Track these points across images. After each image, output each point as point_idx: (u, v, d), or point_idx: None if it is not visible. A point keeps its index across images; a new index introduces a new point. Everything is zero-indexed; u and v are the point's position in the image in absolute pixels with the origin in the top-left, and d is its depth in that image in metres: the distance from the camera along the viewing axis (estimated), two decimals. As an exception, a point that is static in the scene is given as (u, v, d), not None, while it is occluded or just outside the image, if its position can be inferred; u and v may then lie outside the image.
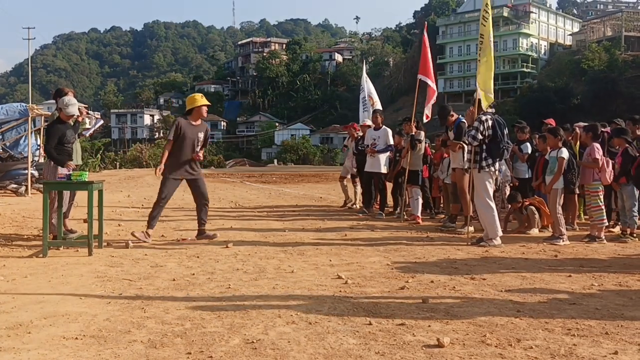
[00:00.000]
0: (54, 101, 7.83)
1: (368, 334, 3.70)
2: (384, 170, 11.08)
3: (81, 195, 8.28)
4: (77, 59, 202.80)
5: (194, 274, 5.58)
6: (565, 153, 7.82)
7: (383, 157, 11.06)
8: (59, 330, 3.80)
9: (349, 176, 13.13)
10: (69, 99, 7.47)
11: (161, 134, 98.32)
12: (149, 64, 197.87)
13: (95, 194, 7.03)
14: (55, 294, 4.79)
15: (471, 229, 8.22)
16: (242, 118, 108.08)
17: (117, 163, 60.59)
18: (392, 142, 11.04)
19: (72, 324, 3.95)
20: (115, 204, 13.29)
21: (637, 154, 8.13)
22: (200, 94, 7.99)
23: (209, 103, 8.01)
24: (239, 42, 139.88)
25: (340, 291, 4.86)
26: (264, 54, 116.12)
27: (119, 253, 6.78)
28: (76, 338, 3.62)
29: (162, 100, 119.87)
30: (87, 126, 8.66)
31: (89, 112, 9.02)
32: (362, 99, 13.58)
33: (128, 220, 10.23)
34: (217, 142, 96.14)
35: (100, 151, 49.56)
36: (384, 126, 11.18)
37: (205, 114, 7.82)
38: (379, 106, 13.22)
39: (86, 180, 6.87)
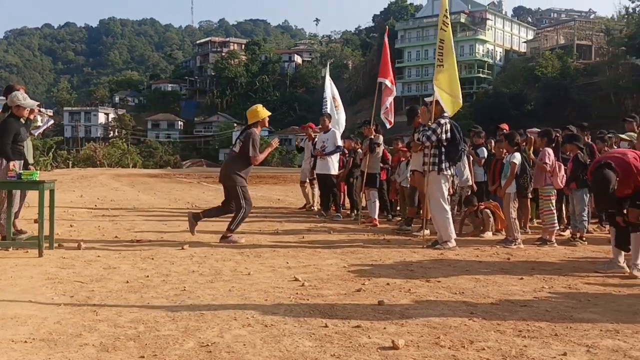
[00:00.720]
0: (3, 98, 7.58)
1: (324, 336, 3.71)
2: (333, 171, 11.20)
3: (32, 195, 8.06)
4: (30, 54, 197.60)
5: (148, 276, 5.49)
6: (517, 158, 7.99)
7: (333, 159, 11.16)
8: (8, 333, 3.68)
9: (307, 180, 13.16)
10: (23, 94, 7.26)
11: (116, 133, 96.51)
12: (104, 61, 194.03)
13: (47, 193, 6.85)
14: (3, 296, 4.65)
15: (427, 232, 8.33)
16: (199, 118, 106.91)
17: (70, 162, 59.26)
18: (340, 143, 11.19)
19: (21, 327, 3.83)
20: (67, 204, 12.98)
21: (588, 160, 8.37)
22: (261, 105, 8.44)
23: (269, 113, 8.57)
24: (198, 42, 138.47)
25: (297, 293, 4.85)
26: (223, 54, 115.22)
27: (70, 254, 6.62)
28: (25, 341, 3.52)
29: (117, 99, 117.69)
30: (39, 124, 8.43)
31: (41, 109, 8.79)
32: (324, 100, 13.48)
33: (80, 221, 10.00)
34: (173, 142, 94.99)
35: (52, 150, 48.44)
36: (332, 129, 11.32)
37: (267, 125, 8.49)
38: (342, 109, 13.29)
39: (37, 179, 6.69)
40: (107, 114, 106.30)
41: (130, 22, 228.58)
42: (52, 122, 9.84)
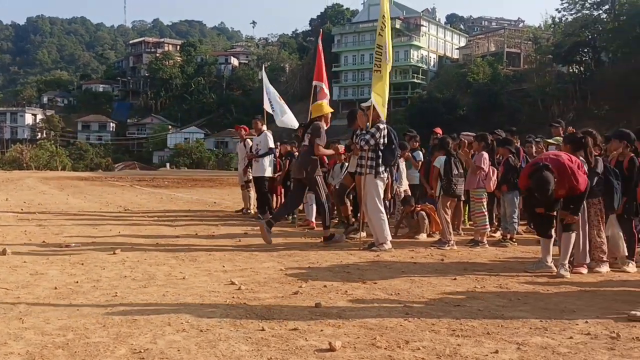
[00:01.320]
0: None
1: (260, 339, 3.67)
2: (268, 173, 11.20)
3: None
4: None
5: (77, 282, 5.30)
6: (438, 162, 8.18)
7: (266, 161, 11.15)
8: None
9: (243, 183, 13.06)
10: None
11: (44, 135, 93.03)
12: (31, 60, 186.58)
13: (-32, 197, 6.51)
14: None
15: (363, 234, 8.40)
16: (132, 120, 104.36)
17: (-5, 164, 56.73)
18: (272, 145, 11.20)
19: (-63, 338, 3.62)
20: (-8, 208, 12.40)
21: (519, 164, 8.66)
22: (326, 102, 8.73)
23: (332, 110, 8.75)
24: (131, 42, 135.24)
25: (233, 297, 4.79)
26: (157, 55, 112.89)
27: (-6, 260, 6.32)
28: (-58, 353, 3.33)
29: (45, 99, 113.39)
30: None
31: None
32: (271, 100, 13.22)
33: (5, 225, 9.58)
34: (105, 145, 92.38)
35: (-25, 151, 46.13)
36: (265, 131, 11.31)
37: (329, 122, 8.54)
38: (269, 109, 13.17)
39: (-43, 182, 6.35)
40: (34, 115, 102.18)
41: (60, 21, 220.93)
42: None
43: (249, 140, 12.58)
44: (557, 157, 5.98)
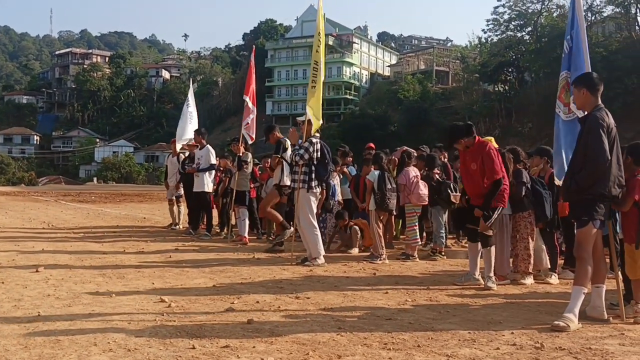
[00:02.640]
0: None
1: (191, 357, 3.59)
2: (208, 189, 11.03)
3: None
4: None
5: (-4, 302, 5.04)
6: (371, 175, 8.30)
7: (207, 176, 10.99)
8: None
9: (173, 198, 12.84)
10: None
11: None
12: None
13: None
14: None
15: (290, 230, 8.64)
16: (58, 132, 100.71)
17: None
18: (214, 160, 11.05)
19: None
20: None
21: (443, 178, 8.89)
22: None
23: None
24: (57, 52, 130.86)
25: (163, 315, 4.68)
26: (85, 66, 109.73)
27: None
28: None
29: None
30: None
31: None
32: (190, 113, 13.27)
33: None
34: (28, 158, 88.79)
35: None
36: (207, 145, 11.18)
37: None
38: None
39: None
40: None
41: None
42: None
43: (181, 154, 12.42)
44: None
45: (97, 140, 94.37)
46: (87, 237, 10.60)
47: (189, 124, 13.05)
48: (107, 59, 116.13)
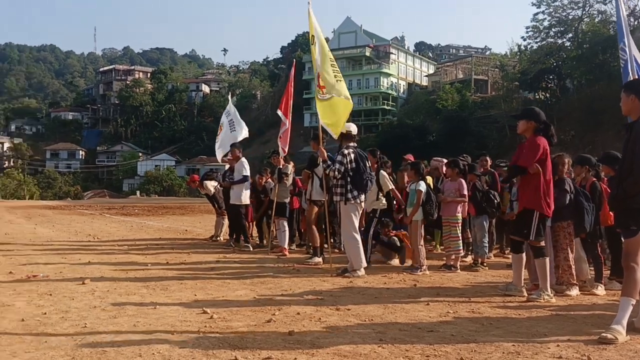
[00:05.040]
0: None
1: (234, 369, 3.62)
2: (244, 201, 11.14)
3: None
4: None
5: (45, 313, 5.18)
6: (422, 186, 8.24)
7: (241, 188, 11.10)
8: None
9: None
10: None
11: (11, 163, 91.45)
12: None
13: None
14: None
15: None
16: (102, 147, 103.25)
17: (-41, 194, 55.47)
18: (247, 172, 11.15)
19: None
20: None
21: (486, 188, 8.78)
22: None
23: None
24: (101, 69, 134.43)
25: (206, 326, 4.73)
26: (128, 82, 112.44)
27: (-42, 293, 6.15)
28: None
29: (13, 127, 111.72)
30: None
31: None
32: (230, 121, 13.34)
33: (-30, 256, 9.33)
34: (74, 173, 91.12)
35: (-61, 181, 45.05)
36: (242, 158, 11.31)
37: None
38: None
39: None
40: (2, 143, 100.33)
41: (29, 48, 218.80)
42: None
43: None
44: None
45: (140, 154, 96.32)
46: (131, 250, 10.80)
47: (231, 132, 13.09)
48: (148, 74, 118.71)
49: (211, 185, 12.87)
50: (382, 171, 8.78)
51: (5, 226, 17.03)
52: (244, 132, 12.70)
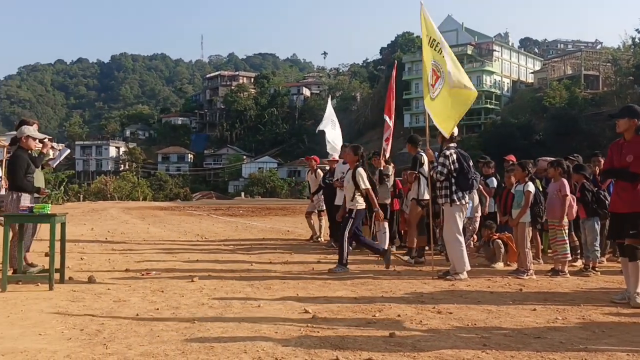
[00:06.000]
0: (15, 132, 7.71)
1: (335, 369, 3.67)
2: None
3: (43, 228, 8.10)
4: (42, 90, 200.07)
5: (158, 309, 5.47)
6: (531, 187, 7.94)
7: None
8: (17, 367, 3.67)
9: (315, 211, 13.18)
10: (27, 128, 7.39)
11: (126, 166, 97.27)
12: (115, 95, 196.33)
13: (58, 226, 6.89)
14: (13, 329, 4.64)
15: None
16: (209, 151, 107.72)
17: (81, 195, 59.57)
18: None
19: (30, 361, 3.82)
20: (78, 237, 13.01)
21: (595, 189, 8.31)
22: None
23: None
24: (207, 75, 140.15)
25: (307, 325, 4.82)
26: (232, 87, 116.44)
27: (80, 287, 6.62)
28: (34, 376, 3.51)
29: (128, 132, 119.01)
30: (51, 156, 8.51)
31: (53, 145, 8.90)
32: (332, 122, 13.41)
33: (91, 254, 10.01)
34: (183, 175, 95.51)
35: (64, 183, 48.59)
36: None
37: None
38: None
39: (49, 212, 6.74)
40: (118, 148, 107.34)
41: (142, 57, 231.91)
42: (68, 151, 9.96)
43: (319, 171, 12.75)
44: None
45: (244, 157, 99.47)
46: (237, 249, 11.16)
47: (334, 130, 13.14)
48: (252, 79, 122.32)
49: (319, 176, 12.88)
50: (359, 169, 8.32)
51: (122, 226, 18.11)
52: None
